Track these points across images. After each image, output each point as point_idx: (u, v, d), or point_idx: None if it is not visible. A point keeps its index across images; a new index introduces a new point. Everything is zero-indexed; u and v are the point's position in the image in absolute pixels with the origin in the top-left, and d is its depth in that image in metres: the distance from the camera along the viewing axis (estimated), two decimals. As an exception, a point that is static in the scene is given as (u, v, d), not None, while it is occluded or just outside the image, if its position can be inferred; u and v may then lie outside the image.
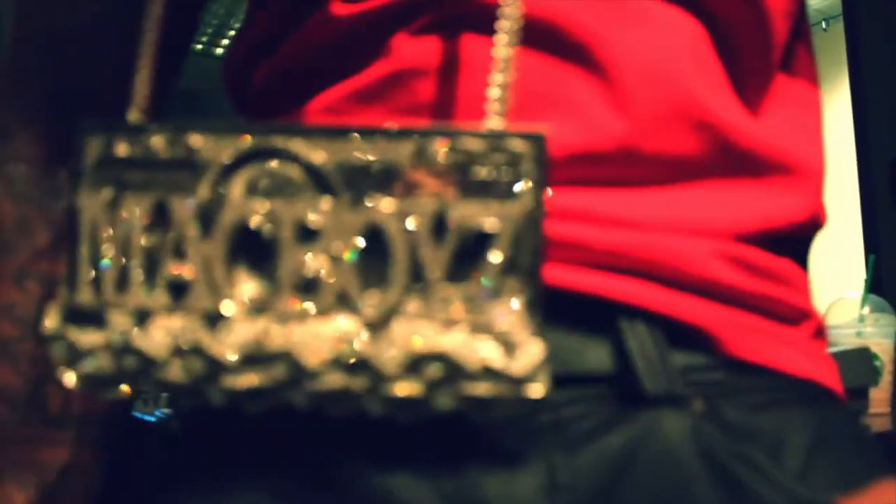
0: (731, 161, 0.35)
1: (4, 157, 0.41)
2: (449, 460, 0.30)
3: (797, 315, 0.36)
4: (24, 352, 0.40)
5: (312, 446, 0.31)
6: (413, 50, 0.35)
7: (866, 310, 1.33)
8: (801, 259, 0.38)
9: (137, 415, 0.56)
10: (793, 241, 0.37)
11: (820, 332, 0.38)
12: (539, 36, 0.33)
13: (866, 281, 1.32)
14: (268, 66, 0.40)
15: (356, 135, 0.26)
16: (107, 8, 0.41)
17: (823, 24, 3.02)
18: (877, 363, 1.20)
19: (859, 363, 1.15)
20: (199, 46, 4.55)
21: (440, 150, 0.26)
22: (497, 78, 0.28)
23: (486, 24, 0.33)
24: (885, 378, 1.20)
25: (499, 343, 0.26)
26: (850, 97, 2.23)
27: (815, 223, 0.38)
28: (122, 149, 0.27)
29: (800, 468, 0.32)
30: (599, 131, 0.33)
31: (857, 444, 0.36)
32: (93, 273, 0.27)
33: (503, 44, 0.29)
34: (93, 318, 0.27)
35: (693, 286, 0.33)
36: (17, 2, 0.43)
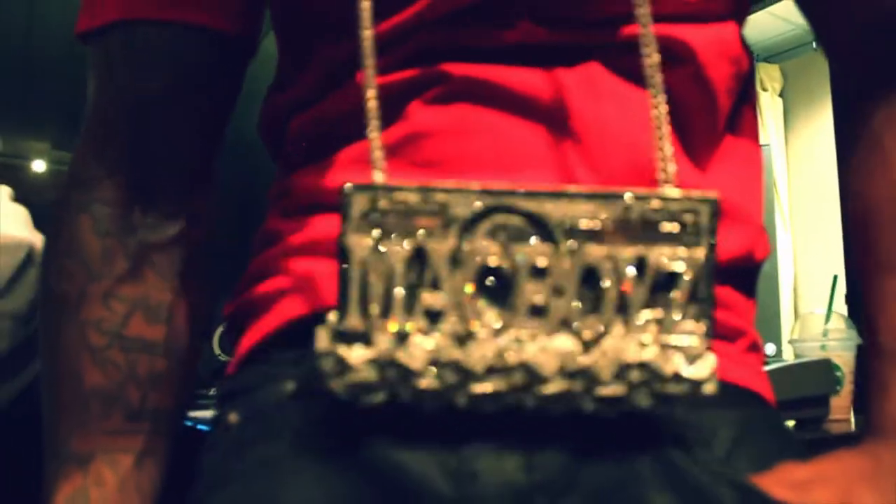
0: None
1: (91, 200, 0.49)
2: (450, 444, 0.38)
3: (733, 333, 0.46)
4: (110, 358, 0.48)
5: (344, 433, 0.39)
6: (425, 116, 0.44)
7: (830, 325, 1.43)
8: (742, 286, 0.48)
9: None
10: (732, 273, 0.46)
11: (753, 347, 0.48)
12: (535, 110, 0.42)
13: (830, 299, 1.42)
14: (303, 119, 0.49)
15: (579, 196, 0.34)
16: (176, 82, 0.49)
17: (813, 45, 3.18)
18: (838, 374, 1.32)
19: (822, 373, 1.26)
20: None
21: (639, 209, 0.34)
22: (659, 145, 0.37)
23: (484, 97, 0.43)
24: (846, 387, 1.31)
25: (684, 356, 0.34)
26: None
27: (750, 258, 0.47)
28: (383, 203, 0.35)
29: (725, 455, 0.41)
30: (574, 182, 0.42)
31: (775, 437, 0.45)
32: (360, 302, 0.34)
33: (660, 108, 0.37)
34: (360, 337, 0.34)
35: None
36: (96, 66, 0.51)
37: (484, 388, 0.34)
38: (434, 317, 0.34)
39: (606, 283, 0.34)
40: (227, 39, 0.50)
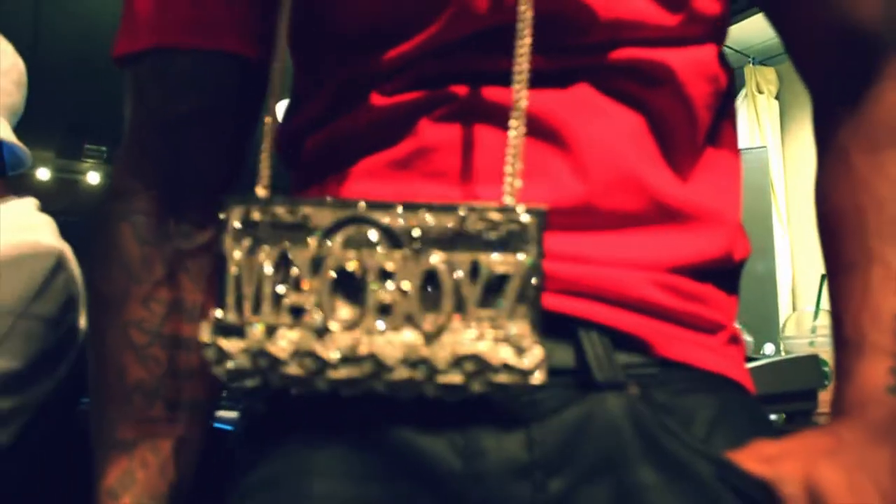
0: (662, 214, 0.49)
1: (130, 211, 0.55)
2: (459, 425, 0.43)
3: (714, 326, 0.50)
4: (151, 355, 0.53)
5: (365, 419, 0.44)
6: (433, 132, 0.49)
7: (819, 322, 1.50)
8: (723, 285, 0.52)
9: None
10: (712, 272, 0.50)
11: (733, 339, 0.52)
12: (531, 126, 0.47)
13: (818, 297, 1.46)
14: (319, 136, 0.54)
15: (423, 209, 0.39)
16: (205, 104, 0.54)
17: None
18: (826, 369, 1.36)
19: (810, 369, 1.29)
20: None
21: (473, 219, 0.39)
22: (510, 162, 0.42)
23: (488, 115, 0.48)
24: (834, 382, 1.33)
25: (513, 348, 0.39)
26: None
27: (729, 258, 0.51)
28: (255, 215, 0.40)
29: (704, 435, 0.46)
30: (565, 192, 0.47)
31: (750, 420, 0.49)
32: (235, 300, 0.40)
33: (515, 134, 0.42)
34: (236, 331, 0.40)
35: (633, 305, 0.46)
36: (133, 88, 0.56)
37: (339, 374, 0.39)
38: (297, 313, 0.40)
39: (445, 284, 0.39)
40: (251, 64, 0.55)
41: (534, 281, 0.39)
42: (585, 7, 0.47)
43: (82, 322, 1.02)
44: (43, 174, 6.30)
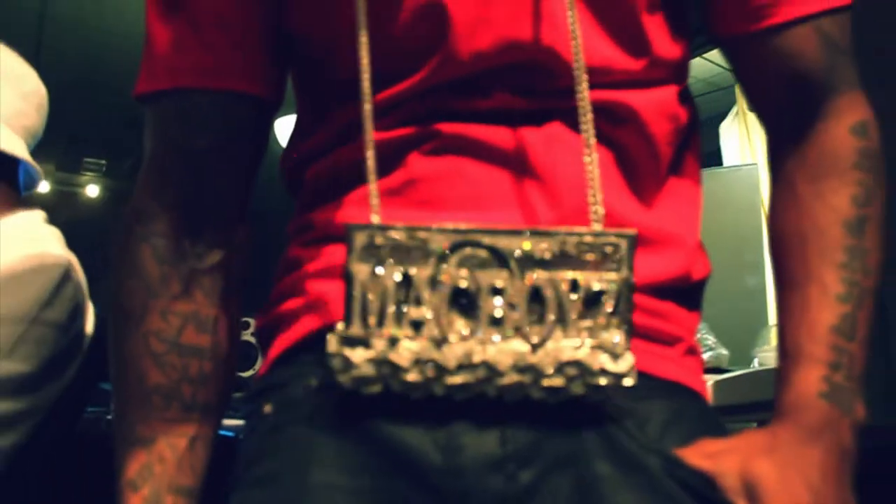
0: None
1: (149, 233, 0.60)
2: (439, 423, 0.49)
3: (672, 339, 0.56)
4: (168, 362, 0.59)
5: (355, 416, 0.50)
6: (421, 165, 0.56)
7: None
8: (682, 301, 0.58)
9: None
10: (672, 290, 0.56)
11: (691, 351, 0.58)
12: (508, 160, 0.54)
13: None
14: (319, 167, 0.61)
15: (528, 233, 0.44)
16: (220, 138, 0.60)
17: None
18: None
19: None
20: None
21: (572, 242, 0.45)
22: (591, 193, 0.47)
23: (469, 149, 0.54)
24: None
25: (609, 354, 0.44)
26: None
27: (688, 278, 0.58)
28: (378, 239, 0.45)
29: (657, 435, 0.51)
30: (539, 219, 0.53)
31: (702, 422, 0.55)
32: (360, 315, 0.45)
33: (592, 169, 0.48)
34: (361, 342, 0.45)
35: None
36: (152, 122, 0.61)
37: (455, 380, 0.45)
38: (417, 326, 0.45)
39: (548, 300, 0.45)
40: (260, 102, 0.61)
41: (628, 296, 0.45)
42: (557, 55, 0.53)
43: (88, 328, 1.06)
44: (43, 187, 6.30)
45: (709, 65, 4.26)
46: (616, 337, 0.45)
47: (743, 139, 3.90)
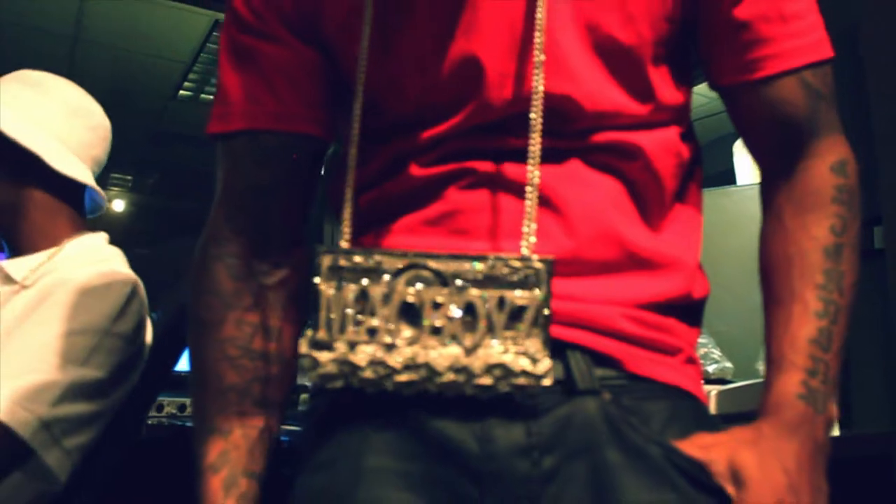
0: (634, 262, 0.64)
1: (224, 254, 0.70)
2: (477, 419, 0.58)
3: (673, 350, 0.65)
4: (242, 364, 0.69)
5: (401, 411, 0.59)
6: (458, 198, 0.65)
7: None
8: (684, 318, 0.66)
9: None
10: (674, 307, 0.65)
11: (690, 361, 0.66)
12: (518, 190, 0.62)
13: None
14: (368, 197, 0.69)
15: (464, 258, 0.54)
16: (284, 173, 0.70)
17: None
18: None
19: None
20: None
21: (500, 265, 0.54)
22: (526, 224, 0.57)
23: (501, 184, 0.63)
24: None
25: (529, 359, 0.54)
26: None
27: (689, 297, 0.66)
28: (341, 261, 0.55)
29: (659, 429, 0.60)
30: (557, 246, 0.61)
31: (697, 419, 0.64)
32: (326, 324, 0.55)
33: (529, 202, 0.57)
34: (326, 346, 0.55)
35: (609, 333, 0.61)
36: (225, 158, 0.71)
37: (402, 378, 0.54)
38: (372, 333, 0.54)
39: (484, 313, 0.54)
40: (318, 141, 0.71)
41: (545, 311, 0.54)
42: (575, 101, 0.62)
43: (147, 339, 1.17)
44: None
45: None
46: (535, 344, 0.54)
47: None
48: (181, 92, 4.82)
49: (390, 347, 0.54)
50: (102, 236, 1.23)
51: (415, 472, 0.58)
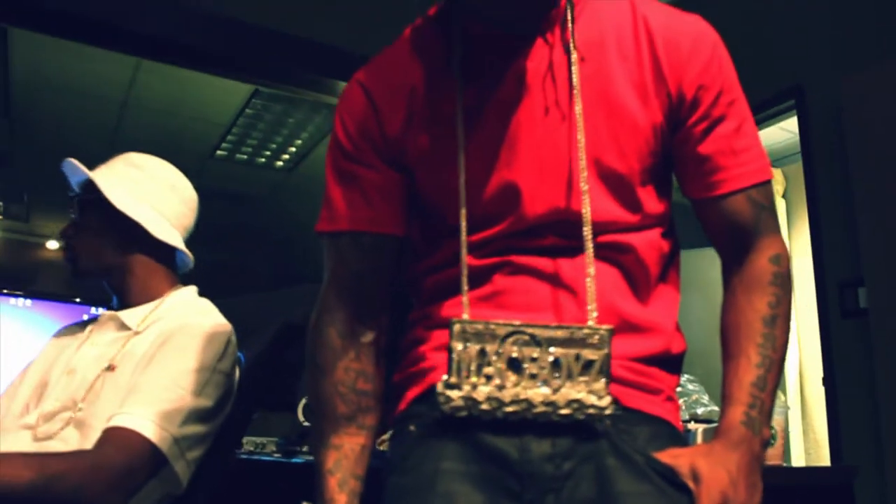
0: (628, 328, 0.89)
1: (334, 319, 0.97)
2: (518, 436, 0.82)
3: (657, 391, 0.90)
4: (350, 399, 0.95)
5: (465, 431, 0.83)
6: (502, 282, 0.90)
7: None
8: (664, 367, 0.91)
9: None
10: (657, 360, 0.90)
11: (669, 398, 0.91)
12: (555, 280, 0.88)
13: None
14: (435, 278, 0.96)
15: (553, 327, 0.80)
16: (377, 262, 0.96)
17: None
18: (772, 431, 1.82)
19: None
20: (262, 160, 5.19)
21: (577, 332, 0.80)
22: (590, 302, 0.83)
23: (531, 273, 0.89)
24: (779, 441, 1.82)
25: (597, 396, 0.79)
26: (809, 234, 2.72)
27: (668, 352, 0.91)
28: (467, 328, 0.81)
29: (643, 445, 0.84)
30: (574, 317, 0.86)
31: (672, 440, 0.88)
32: (456, 370, 0.80)
33: (590, 284, 0.83)
34: (456, 386, 0.80)
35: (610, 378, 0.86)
36: (331, 250, 0.97)
37: (509, 409, 0.79)
38: (488, 378, 0.80)
39: (566, 365, 0.79)
40: (400, 239, 0.97)
41: (606, 362, 0.79)
42: (584, 215, 0.87)
43: (236, 375, 1.42)
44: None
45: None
46: (600, 386, 0.79)
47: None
48: (218, 152, 5.15)
49: (501, 388, 0.80)
50: (193, 289, 1.51)
51: (476, 472, 0.83)
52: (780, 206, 4.25)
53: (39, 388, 1.37)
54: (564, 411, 0.79)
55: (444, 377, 0.81)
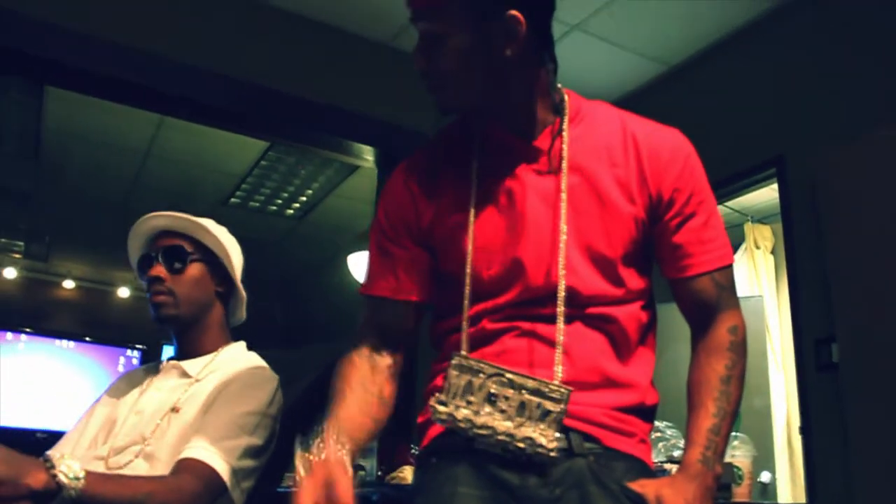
0: (610, 383, 1.10)
1: (361, 354, 1.22)
2: (519, 469, 1.03)
3: (632, 434, 1.09)
4: (369, 412, 1.16)
5: (478, 462, 1.05)
6: (509, 343, 1.13)
7: (736, 443, 2.42)
8: (639, 416, 1.11)
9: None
10: (633, 410, 1.10)
11: (642, 441, 1.10)
12: (551, 342, 1.09)
13: (738, 423, 2.17)
14: (455, 337, 1.18)
15: (528, 378, 1.02)
16: (403, 320, 1.22)
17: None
18: (739, 472, 2.08)
19: (727, 472, 2.06)
20: (274, 208, 5.32)
21: (544, 386, 1.01)
22: (557, 363, 1.05)
23: (533, 336, 1.12)
24: (745, 481, 2.06)
25: (546, 438, 1.00)
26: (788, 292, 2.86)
27: (643, 404, 1.11)
28: (464, 363, 1.05)
29: (619, 477, 1.04)
30: (567, 374, 1.06)
31: (644, 474, 1.07)
32: (449, 394, 1.03)
33: (558, 350, 1.06)
34: (444, 403, 1.04)
35: (594, 423, 1.07)
36: (369, 307, 1.23)
37: (478, 431, 1.02)
38: (469, 403, 1.02)
39: (529, 409, 1.01)
40: (422, 304, 1.21)
41: (561, 415, 1.01)
42: (575, 290, 1.08)
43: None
44: (123, 292, 7.10)
45: (722, 207, 4.69)
46: (552, 432, 1.00)
47: (751, 273, 4.23)
48: (232, 199, 5.32)
49: (476, 413, 1.02)
50: (243, 344, 1.71)
51: (487, 496, 1.03)
52: (769, 261, 4.27)
53: (107, 425, 1.55)
54: (520, 444, 1.01)
55: (437, 394, 1.04)
